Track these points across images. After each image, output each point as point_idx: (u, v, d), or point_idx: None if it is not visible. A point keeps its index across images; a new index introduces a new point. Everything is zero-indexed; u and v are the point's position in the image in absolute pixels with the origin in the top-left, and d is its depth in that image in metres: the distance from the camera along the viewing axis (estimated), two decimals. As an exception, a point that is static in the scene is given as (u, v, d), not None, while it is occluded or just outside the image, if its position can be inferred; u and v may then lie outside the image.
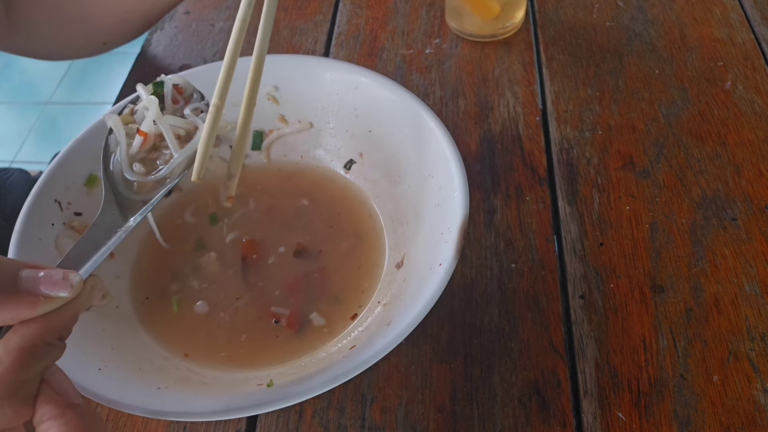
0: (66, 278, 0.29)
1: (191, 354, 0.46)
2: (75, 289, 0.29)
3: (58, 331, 0.29)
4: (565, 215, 0.54)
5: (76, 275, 0.30)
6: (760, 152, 0.57)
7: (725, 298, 0.48)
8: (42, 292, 0.28)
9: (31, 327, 0.28)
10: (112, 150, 0.42)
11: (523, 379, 0.45)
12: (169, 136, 0.41)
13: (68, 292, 0.29)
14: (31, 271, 0.29)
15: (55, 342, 0.29)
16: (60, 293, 0.29)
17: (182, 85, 0.44)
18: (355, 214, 0.53)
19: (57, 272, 0.29)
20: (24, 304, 0.28)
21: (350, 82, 0.53)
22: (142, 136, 0.41)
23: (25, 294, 0.28)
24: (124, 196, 0.39)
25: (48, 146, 1.73)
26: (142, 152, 0.41)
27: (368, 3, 0.75)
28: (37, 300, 0.28)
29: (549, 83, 0.64)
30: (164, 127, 0.41)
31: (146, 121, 0.41)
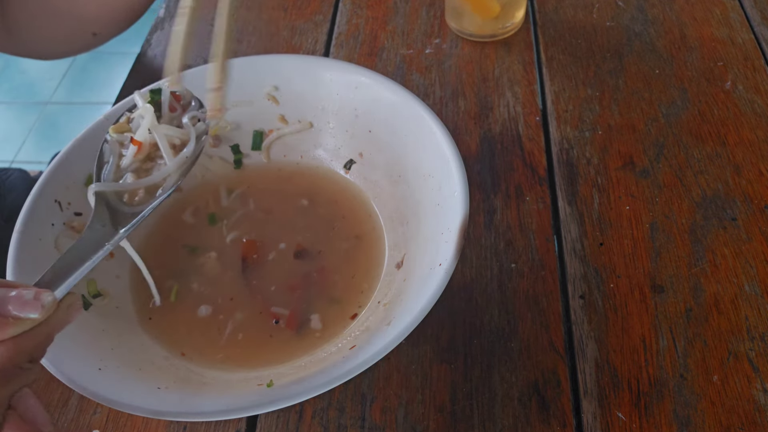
0: (38, 298, 0.28)
1: (191, 354, 0.46)
2: (47, 310, 0.28)
3: (28, 354, 0.28)
4: (565, 215, 0.54)
5: (48, 295, 0.28)
6: (760, 152, 0.57)
7: (725, 298, 0.48)
8: (11, 313, 0.27)
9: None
10: (106, 159, 0.42)
11: (523, 379, 0.45)
12: (163, 145, 0.40)
13: (39, 313, 0.28)
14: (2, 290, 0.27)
15: (26, 365, 0.28)
16: (30, 314, 0.27)
17: (180, 93, 0.43)
18: (355, 214, 0.53)
19: (29, 292, 0.28)
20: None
21: (350, 82, 0.53)
22: (136, 145, 0.41)
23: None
24: (115, 207, 0.39)
25: (48, 146, 1.73)
26: (137, 162, 0.41)
27: (368, 3, 0.75)
28: (6, 321, 0.27)
29: (549, 83, 0.64)
30: (159, 137, 0.40)
31: (141, 129, 0.41)
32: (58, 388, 0.47)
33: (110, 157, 0.42)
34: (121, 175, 0.41)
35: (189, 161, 0.41)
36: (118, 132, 0.42)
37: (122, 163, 0.41)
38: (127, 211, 0.39)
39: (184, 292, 0.50)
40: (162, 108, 0.43)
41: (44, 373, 0.37)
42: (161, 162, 0.41)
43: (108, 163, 0.42)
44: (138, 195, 0.40)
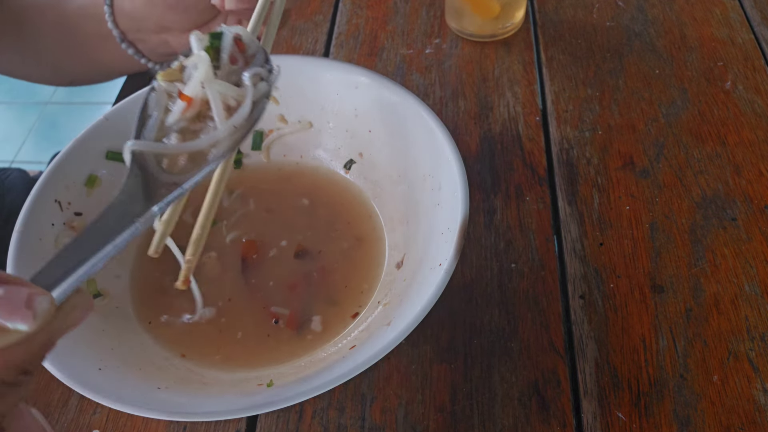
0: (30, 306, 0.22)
1: (191, 354, 0.46)
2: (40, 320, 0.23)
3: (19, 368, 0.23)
4: (565, 215, 0.54)
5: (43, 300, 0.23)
6: (760, 152, 0.57)
7: (725, 298, 0.48)
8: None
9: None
10: (150, 113, 0.35)
11: (523, 379, 0.45)
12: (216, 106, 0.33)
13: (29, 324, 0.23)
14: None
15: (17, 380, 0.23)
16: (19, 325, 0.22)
17: (245, 41, 0.36)
18: (355, 214, 0.53)
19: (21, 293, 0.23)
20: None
21: (350, 82, 0.53)
22: (185, 101, 0.34)
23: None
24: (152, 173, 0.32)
25: (48, 146, 1.73)
26: (184, 120, 0.35)
27: (368, 3, 0.75)
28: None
29: (549, 83, 0.64)
30: (212, 95, 0.34)
31: (192, 83, 0.34)
32: (58, 388, 0.47)
33: (155, 110, 0.35)
34: (165, 133, 0.34)
35: (243, 128, 0.35)
36: (168, 80, 0.35)
37: (168, 119, 0.35)
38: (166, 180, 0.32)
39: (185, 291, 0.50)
40: (221, 57, 0.36)
41: (44, 373, 0.38)
42: (212, 124, 0.34)
43: (151, 117, 0.35)
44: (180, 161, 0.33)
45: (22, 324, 0.22)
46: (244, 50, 0.36)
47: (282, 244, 0.52)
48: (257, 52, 0.37)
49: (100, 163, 0.51)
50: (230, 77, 0.36)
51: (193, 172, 0.33)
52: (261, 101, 0.36)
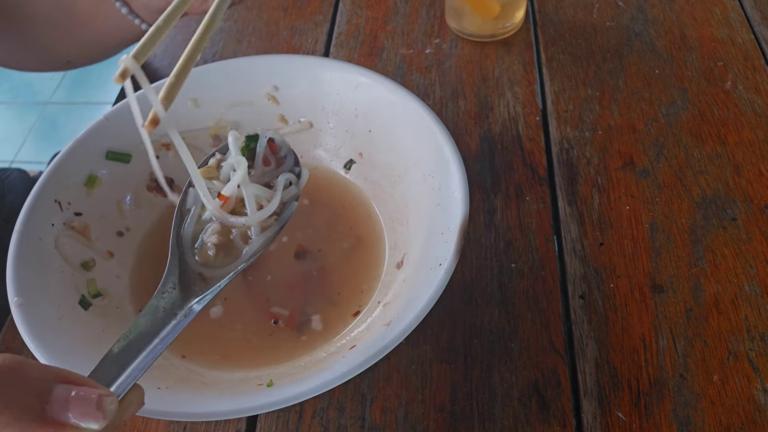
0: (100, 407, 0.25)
1: (191, 354, 0.46)
2: (108, 419, 0.26)
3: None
4: (565, 215, 0.54)
5: (112, 402, 0.26)
6: (760, 152, 0.57)
7: (725, 298, 0.48)
8: (70, 422, 0.25)
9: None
10: (189, 206, 0.39)
11: (523, 379, 0.45)
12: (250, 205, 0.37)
13: (99, 423, 0.25)
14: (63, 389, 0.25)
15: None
16: (91, 425, 0.25)
17: (278, 143, 0.40)
18: (355, 214, 0.53)
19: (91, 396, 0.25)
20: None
21: (350, 82, 0.53)
22: (222, 200, 0.37)
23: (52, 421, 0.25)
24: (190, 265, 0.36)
25: (48, 146, 1.73)
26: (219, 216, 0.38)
27: (368, 3, 0.75)
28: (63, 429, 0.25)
29: (549, 83, 0.64)
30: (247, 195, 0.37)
31: (230, 185, 0.37)
32: (58, 388, 0.47)
33: (193, 205, 0.39)
34: (201, 227, 0.38)
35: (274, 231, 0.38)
36: (206, 177, 0.38)
37: (204, 215, 0.38)
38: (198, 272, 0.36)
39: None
40: (256, 159, 0.39)
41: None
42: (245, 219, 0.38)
43: (190, 211, 0.39)
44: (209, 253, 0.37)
45: (94, 423, 0.25)
46: (276, 152, 0.40)
47: (282, 244, 0.52)
48: (288, 154, 0.40)
49: (100, 163, 0.51)
50: (263, 178, 0.39)
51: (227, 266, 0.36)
52: (290, 203, 0.40)
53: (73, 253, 0.47)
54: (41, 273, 0.44)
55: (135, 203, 0.53)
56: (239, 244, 0.38)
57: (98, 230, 0.50)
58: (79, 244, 0.48)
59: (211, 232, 0.37)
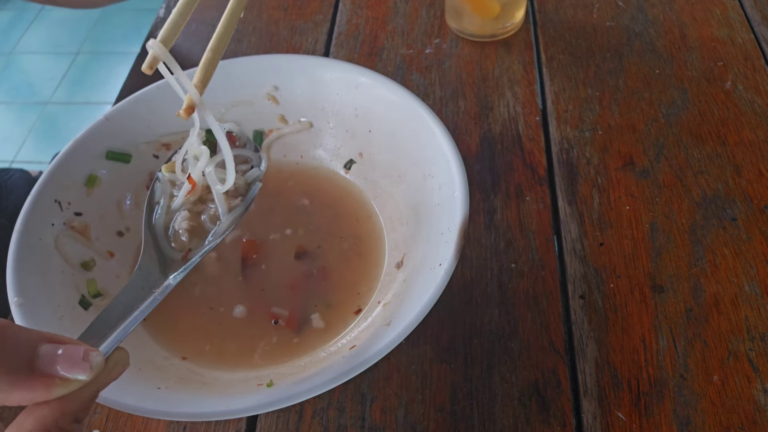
0: (86, 359, 0.27)
1: (191, 354, 0.46)
2: (95, 371, 0.27)
3: (73, 415, 0.27)
4: (565, 215, 0.54)
5: (97, 355, 0.28)
6: (760, 152, 0.57)
7: (725, 298, 0.48)
8: (59, 374, 0.26)
9: (44, 411, 0.26)
10: (157, 200, 0.41)
11: (523, 379, 0.45)
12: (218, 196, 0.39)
13: (87, 374, 0.27)
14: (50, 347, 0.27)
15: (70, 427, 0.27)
16: (78, 376, 0.27)
17: (236, 134, 0.42)
18: (355, 214, 0.53)
19: (77, 350, 0.27)
20: (38, 387, 0.26)
21: (350, 82, 0.53)
22: (191, 184, 0.39)
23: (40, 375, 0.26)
24: (164, 252, 0.38)
25: (48, 146, 1.73)
26: (188, 203, 0.40)
27: (368, 3, 0.75)
28: (53, 382, 0.26)
29: (549, 83, 0.64)
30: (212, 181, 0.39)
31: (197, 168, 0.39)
32: None
33: (161, 197, 0.41)
34: (171, 216, 0.40)
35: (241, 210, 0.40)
36: (170, 171, 0.41)
37: (173, 204, 0.41)
38: (174, 257, 0.38)
39: (184, 291, 0.50)
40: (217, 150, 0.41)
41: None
42: (212, 207, 0.40)
43: (159, 204, 0.41)
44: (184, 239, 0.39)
45: (81, 374, 0.27)
46: (236, 141, 0.42)
47: (282, 244, 0.52)
48: (247, 143, 0.43)
49: (100, 163, 0.51)
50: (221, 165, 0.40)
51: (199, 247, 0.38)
52: (255, 184, 0.42)
53: (73, 253, 0.47)
54: (41, 273, 0.44)
55: (135, 203, 0.53)
56: (209, 226, 0.40)
57: (98, 230, 0.50)
58: (79, 244, 0.48)
59: (181, 219, 0.39)
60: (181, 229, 0.39)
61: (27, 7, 2.15)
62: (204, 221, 0.40)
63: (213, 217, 0.40)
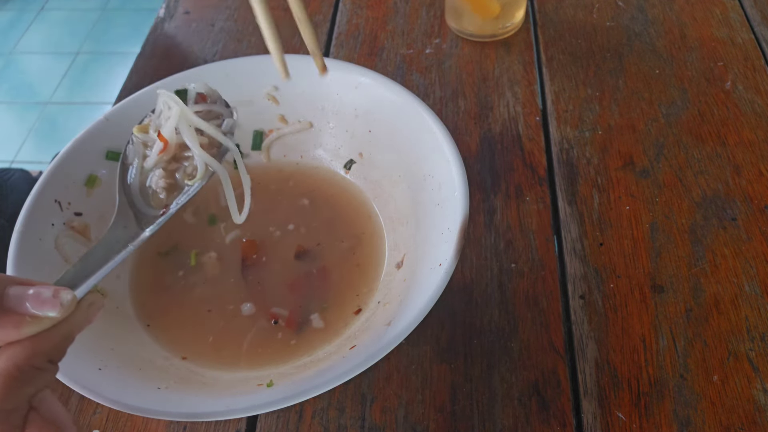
0: (56, 296, 0.27)
1: (190, 355, 0.46)
2: (65, 309, 0.27)
3: (47, 354, 0.27)
4: (565, 215, 0.54)
5: (68, 293, 0.28)
6: (760, 152, 0.57)
7: (725, 298, 0.48)
8: (29, 311, 0.26)
9: (16, 350, 0.26)
10: (130, 161, 0.41)
11: (523, 379, 0.45)
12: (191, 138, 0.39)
13: (57, 311, 0.27)
14: (19, 288, 0.27)
15: (44, 366, 0.27)
16: (48, 313, 0.27)
17: (206, 93, 0.42)
18: (355, 214, 0.53)
19: (47, 289, 0.27)
20: (8, 324, 0.26)
21: (350, 82, 0.53)
22: (162, 141, 0.39)
23: (9, 313, 0.26)
24: (141, 210, 0.38)
25: (48, 146, 1.73)
26: (162, 162, 0.40)
27: (368, 3, 0.75)
28: (23, 320, 0.26)
29: (549, 83, 0.64)
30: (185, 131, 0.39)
31: (168, 124, 0.39)
32: (58, 389, 0.47)
33: (135, 158, 0.41)
34: (146, 176, 0.40)
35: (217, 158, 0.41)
36: (143, 132, 0.41)
37: (146, 164, 0.40)
38: (151, 214, 0.38)
39: (184, 292, 0.50)
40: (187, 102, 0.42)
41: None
42: (186, 164, 0.39)
43: (133, 165, 0.41)
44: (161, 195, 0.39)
45: (51, 311, 0.27)
46: (206, 100, 0.42)
47: (282, 244, 0.52)
48: (218, 100, 0.43)
49: (100, 163, 0.51)
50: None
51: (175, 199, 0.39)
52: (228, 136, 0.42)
53: (73, 253, 0.47)
54: (41, 273, 0.44)
55: (135, 203, 0.53)
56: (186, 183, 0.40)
57: (98, 230, 0.50)
58: (79, 244, 0.48)
59: (157, 178, 0.39)
60: (159, 188, 0.39)
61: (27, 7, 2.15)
62: (179, 178, 0.40)
63: (189, 174, 0.40)
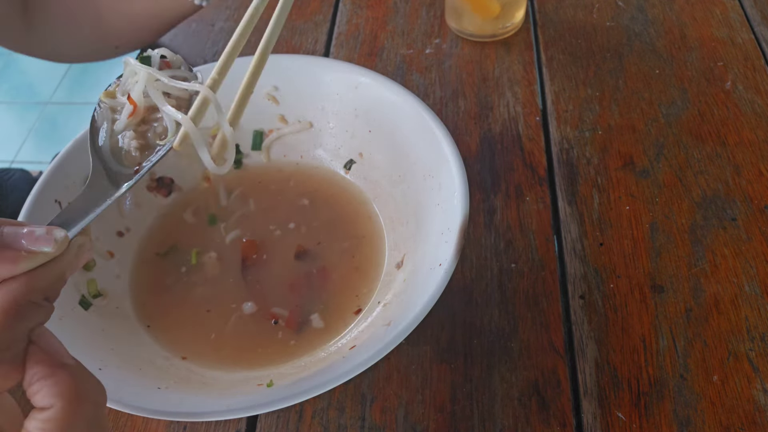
0: (50, 233, 0.28)
1: (191, 355, 0.46)
2: (59, 245, 0.28)
3: (42, 291, 0.28)
4: (565, 215, 0.54)
5: (60, 231, 0.29)
6: (760, 152, 0.57)
7: (725, 298, 0.48)
8: (24, 247, 0.27)
9: (13, 285, 0.27)
10: (99, 125, 0.41)
11: (523, 379, 0.45)
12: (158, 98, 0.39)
13: (51, 247, 0.28)
14: (13, 227, 0.28)
15: (41, 302, 0.28)
16: (43, 248, 0.28)
17: (170, 59, 0.42)
18: (355, 214, 0.53)
19: (40, 228, 0.28)
20: (5, 260, 0.27)
21: (350, 82, 0.53)
22: (132, 105, 0.39)
23: (5, 249, 0.27)
24: (114, 170, 0.38)
25: (48, 146, 1.73)
26: (131, 125, 0.40)
27: (368, 3, 0.75)
28: (19, 255, 0.27)
29: (549, 83, 0.64)
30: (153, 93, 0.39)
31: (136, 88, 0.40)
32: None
33: (103, 122, 0.41)
34: (116, 139, 0.40)
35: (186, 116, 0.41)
36: (110, 98, 0.41)
37: (116, 127, 0.40)
38: (124, 172, 0.38)
39: (184, 292, 0.50)
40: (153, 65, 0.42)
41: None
42: (156, 125, 0.40)
43: (102, 128, 0.41)
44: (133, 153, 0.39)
45: (46, 247, 0.28)
46: (170, 66, 0.42)
47: (282, 244, 0.52)
48: (181, 65, 0.43)
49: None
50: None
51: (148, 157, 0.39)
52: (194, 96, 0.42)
53: (73, 253, 0.47)
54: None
55: (135, 203, 0.53)
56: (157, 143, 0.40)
57: (98, 230, 0.50)
58: (79, 244, 0.48)
59: (129, 139, 0.39)
60: (132, 148, 0.39)
61: (27, 7, 2.15)
62: (150, 138, 0.40)
63: (159, 135, 0.40)
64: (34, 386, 0.27)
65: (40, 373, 0.27)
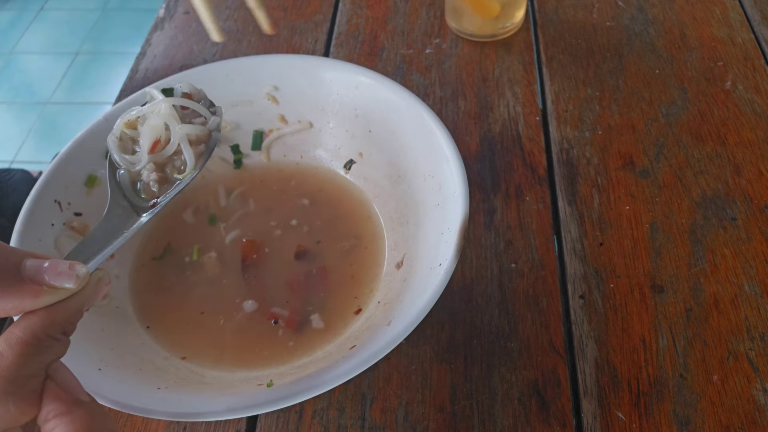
0: (72, 269, 0.28)
1: (191, 355, 0.46)
2: (80, 281, 0.29)
3: (61, 325, 0.28)
4: (565, 215, 0.54)
5: (82, 267, 0.29)
6: (760, 152, 0.57)
7: (725, 298, 0.48)
8: (46, 282, 0.28)
9: (33, 319, 0.27)
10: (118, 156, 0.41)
11: (523, 379, 0.45)
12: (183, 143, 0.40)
13: (73, 283, 0.28)
14: (36, 261, 0.28)
15: (59, 336, 0.28)
16: (65, 284, 0.28)
17: (191, 92, 0.43)
18: (355, 214, 0.53)
19: (63, 263, 0.28)
20: (27, 294, 0.27)
21: (350, 82, 0.53)
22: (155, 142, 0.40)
23: (28, 283, 0.27)
24: (133, 202, 0.39)
25: (48, 146, 1.73)
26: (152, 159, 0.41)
27: (368, 3, 0.75)
28: (41, 290, 0.27)
29: (549, 83, 0.64)
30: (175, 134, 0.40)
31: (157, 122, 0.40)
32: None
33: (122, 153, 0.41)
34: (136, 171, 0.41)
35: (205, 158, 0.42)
36: (131, 128, 0.42)
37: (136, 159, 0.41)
38: (144, 205, 0.39)
39: (184, 292, 0.50)
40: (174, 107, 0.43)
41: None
42: (176, 158, 0.41)
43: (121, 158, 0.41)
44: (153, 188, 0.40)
45: (68, 282, 0.28)
46: (192, 98, 0.43)
47: (282, 244, 0.52)
48: (203, 99, 0.44)
49: (99, 163, 0.51)
50: (184, 120, 0.42)
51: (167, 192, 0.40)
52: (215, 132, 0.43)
53: (73, 253, 0.47)
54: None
55: (135, 203, 0.53)
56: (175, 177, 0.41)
57: (98, 230, 0.50)
58: (79, 244, 0.48)
59: (149, 171, 0.40)
60: (151, 181, 0.40)
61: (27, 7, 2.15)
62: (169, 173, 0.41)
63: (177, 168, 0.41)
64: (51, 423, 0.27)
65: (56, 409, 0.27)
